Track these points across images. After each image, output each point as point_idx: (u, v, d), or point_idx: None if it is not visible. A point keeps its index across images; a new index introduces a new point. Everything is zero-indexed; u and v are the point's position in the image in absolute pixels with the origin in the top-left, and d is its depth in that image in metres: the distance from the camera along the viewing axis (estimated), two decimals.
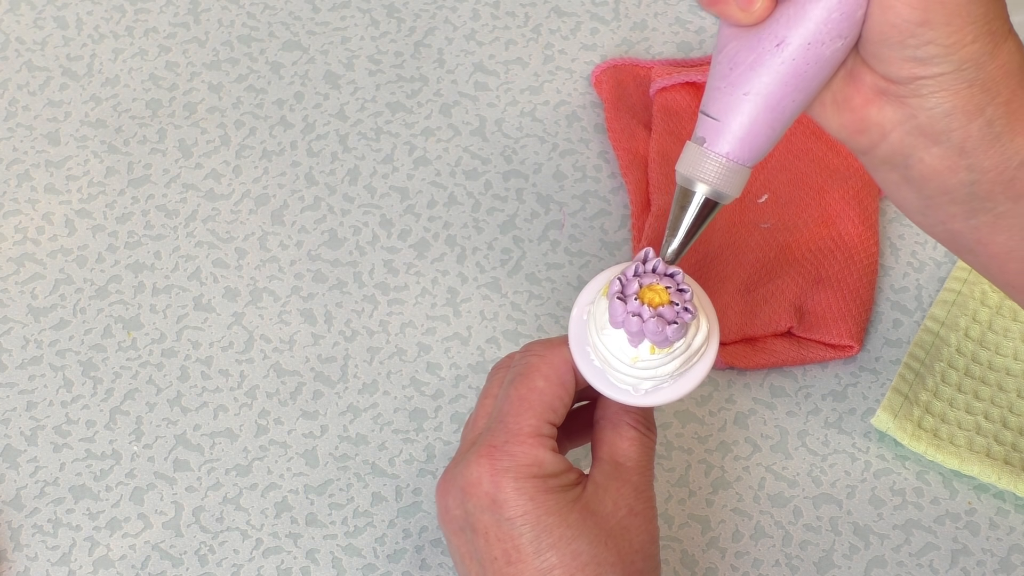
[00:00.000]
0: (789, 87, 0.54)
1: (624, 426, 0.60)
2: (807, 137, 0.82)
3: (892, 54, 0.52)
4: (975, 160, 0.54)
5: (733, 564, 0.70)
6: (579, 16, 0.90)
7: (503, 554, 0.57)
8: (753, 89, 0.54)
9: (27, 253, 0.80)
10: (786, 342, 0.76)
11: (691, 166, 0.56)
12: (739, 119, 0.55)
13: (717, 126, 0.55)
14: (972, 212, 0.55)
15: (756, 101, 0.54)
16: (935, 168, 0.55)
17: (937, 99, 0.53)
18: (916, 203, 0.57)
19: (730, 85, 0.55)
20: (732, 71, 0.54)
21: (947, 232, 0.57)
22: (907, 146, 0.55)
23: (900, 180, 0.56)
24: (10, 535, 0.71)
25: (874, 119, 0.55)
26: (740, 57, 0.54)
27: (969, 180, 0.54)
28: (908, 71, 0.53)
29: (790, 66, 0.53)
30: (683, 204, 0.56)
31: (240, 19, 0.90)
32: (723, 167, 0.55)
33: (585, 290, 0.60)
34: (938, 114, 0.53)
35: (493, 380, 0.62)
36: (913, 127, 0.54)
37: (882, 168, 0.56)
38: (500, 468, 0.57)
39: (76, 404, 0.75)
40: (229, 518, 0.72)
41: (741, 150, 0.55)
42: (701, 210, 0.56)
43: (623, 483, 0.59)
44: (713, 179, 0.55)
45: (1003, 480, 0.71)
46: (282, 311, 0.78)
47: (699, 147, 0.56)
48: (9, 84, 0.87)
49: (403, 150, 0.84)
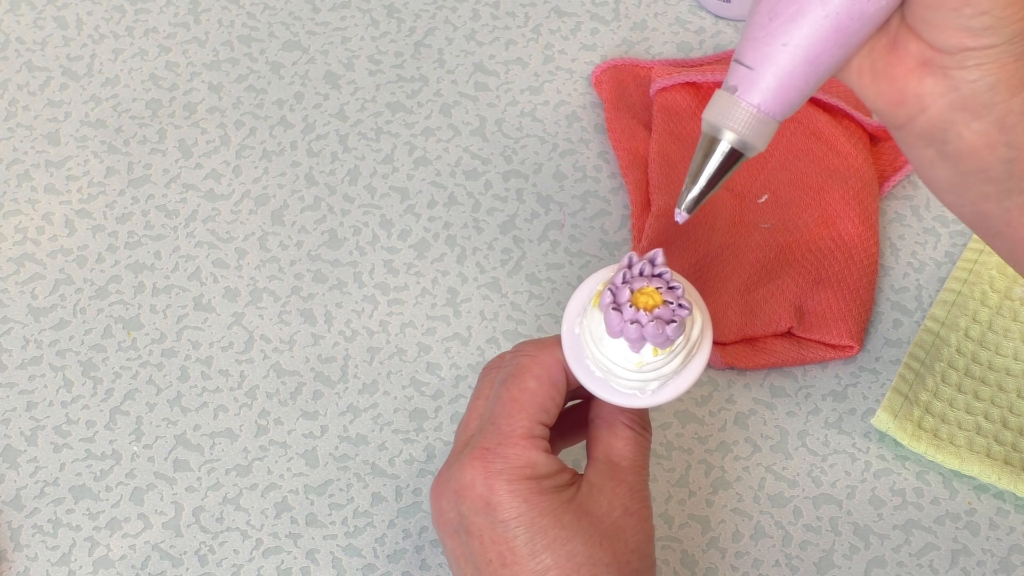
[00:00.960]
0: (830, 42, 0.53)
1: (619, 425, 0.60)
2: (807, 137, 0.82)
3: (944, 21, 0.51)
4: (1015, 137, 0.53)
5: (733, 564, 0.70)
6: (579, 16, 0.90)
7: (498, 556, 0.57)
8: (793, 40, 0.53)
9: (27, 253, 0.80)
10: (786, 342, 0.76)
11: (720, 114, 0.55)
12: (774, 70, 0.54)
13: (751, 75, 0.54)
14: (1006, 193, 0.55)
15: (795, 53, 0.53)
16: (973, 144, 0.54)
17: (982, 71, 0.52)
18: (949, 181, 0.56)
19: (769, 35, 0.53)
20: (772, 21, 0.53)
21: (977, 213, 0.56)
22: (946, 120, 0.54)
23: (935, 156, 0.55)
24: (10, 535, 0.71)
25: (914, 90, 0.54)
26: (781, 7, 0.53)
27: (1007, 157, 0.54)
28: (958, 40, 0.52)
29: (833, 20, 0.52)
30: (707, 152, 0.55)
31: (240, 19, 0.90)
32: (753, 117, 0.54)
33: (572, 302, 0.60)
34: (981, 87, 0.52)
35: (484, 381, 0.62)
36: (954, 100, 0.53)
37: (917, 143, 0.55)
38: (493, 470, 0.57)
39: (76, 404, 0.75)
40: (229, 518, 0.72)
41: (774, 102, 0.54)
42: (725, 160, 0.55)
43: (618, 483, 0.59)
44: (742, 128, 0.54)
45: (1003, 480, 0.71)
46: (282, 311, 0.78)
47: (730, 95, 0.54)
48: (9, 84, 0.87)
49: (403, 150, 0.84)
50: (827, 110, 0.83)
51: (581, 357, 0.59)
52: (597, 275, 0.60)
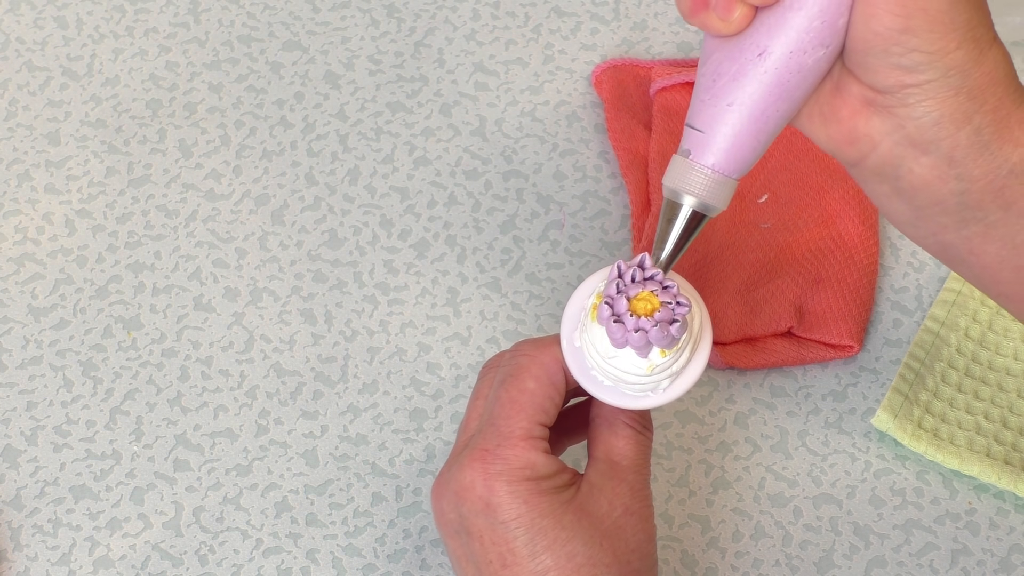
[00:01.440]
0: (772, 97, 0.54)
1: (620, 424, 0.60)
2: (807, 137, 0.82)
3: (877, 63, 0.52)
4: (964, 169, 0.54)
5: (733, 564, 0.70)
6: (579, 16, 0.90)
7: (498, 557, 0.57)
8: (737, 100, 0.54)
9: (27, 253, 0.80)
10: (786, 342, 0.76)
11: (677, 178, 0.56)
12: (724, 130, 0.54)
13: (702, 138, 0.55)
14: (963, 222, 0.55)
15: (740, 112, 0.54)
16: (925, 178, 0.54)
17: (924, 108, 0.53)
18: (907, 215, 0.56)
19: (714, 96, 0.54)
20: (715, 82, 0.54)
21: (939, 243, 0.57)
22: (896, 156, 0.54)
23: (890, 192, 0.56)
24: (10, 535, 0.71)
25: (862, 130, 0.55)
26: (723, 68, 0.54)
27: (959, 189, 0.54)
28: (894, 79, 0.52)
29: (773, 76, 0.53)
30: (670, 217, 0.56)
31: (240, 19, 0.90)
32: (709, 179, 0.55)
33: (566, 318, 0.59)
34: (926, 123, 0.53)
35: (483, 381, 0.62)
36: (902, 137, 0.54)
37: (872, 180, 0.56)
38: (493, 472, 0.57)
39: (76, 404, 0.75)
40: (229, 518, 0.72)
41: (727, 162, 0.55)
42: (688, 222, 0.56)
43: (619, 482, 0.59)
44: (699, 191, 0.55)
45: (1003, 480, 0.71)
46: (282, 311, 0.78)
47: (685, 159, 0.55)
48: (9, 84, 0.87)
49: (403, 150, 0.84)
50: None
51: (586, 369, 0.58)
52: (591, 280, 0.59)
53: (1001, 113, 0.53)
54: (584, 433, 0.65)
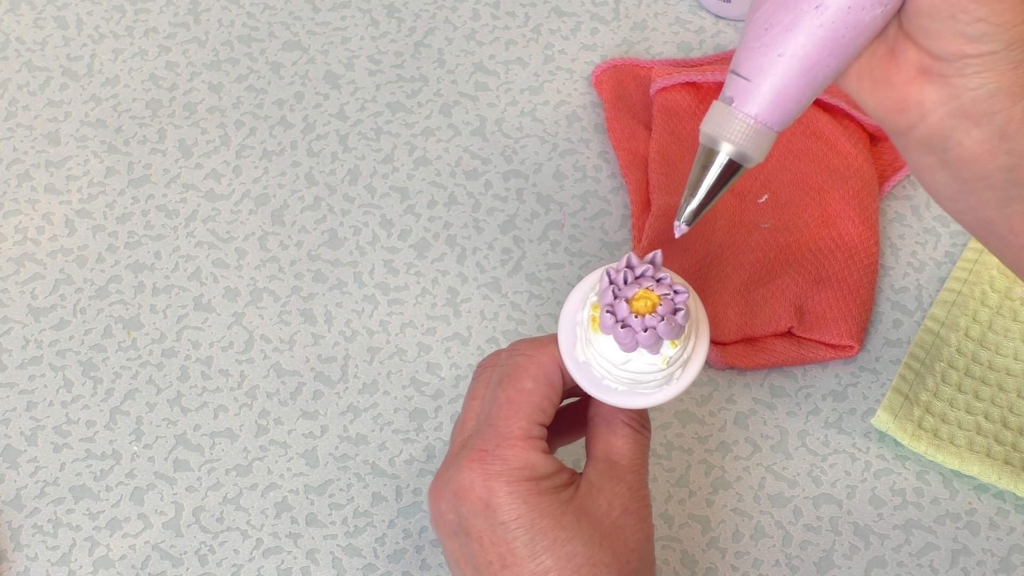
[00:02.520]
0: (825, 51, 0.53)
1: (619, 423, 0.60)
2: (807, 137, 0.82)
3: (941, 28, 0.51)
4: (1016, 144, 0.53)
5: (733, 564, 0.70)
6: (579, 16, 0.90)
7: (498, 558, 0.57)
8: (788, 51, 0.53)
9: (27, 253, 0.80)
10: (786, 342, 0.76)
11: (717, 125, 0.54)
12: (771, 81, 0.53)
13: (748, 86, 0.54)
14: (1007, 199, 0.54)
15: (791, 63, 0.53)
16: (974, 152, 0.53)
17: (982, 79, 0.52)
18: (950, 188, 0.55)
19: (764, 46, 0.53)
20: (767, 31, 0.53)
21: (978, 220, 0.56)
22: (947, 128, 0.53)
23: (936, 164, 0.55)
24: (10, 535, 0.71)
25: (914, 98, 0.54)
26: (777, 17, 0.53)
27: (1008, 165, 0.53)
28: (956, 47, 0.51)
29: (828, 29, 0.52)
30: (705, 164, 0.55)
31: (240, 19, 0.90)
32: (751, 128, 0.54)
33: (562, 333, 0.59)
34: (982, 95, 0.52)
35: (480, 380, 0.61)
36: (955, 107, 0.53)
37: (918, 150, 0.55)
38: (492, 472, 0.57)
39: (76, 404, 0.75)
40: (229, 518, 0.72)
41: (771, 113, 0.54)
42: (724, 171, 0.55)
43: (618, 482, 0.59)
44: (739, 140, 0.54)
45: (1003, 480, 0.71)
46: (282, 311, 0.78)
47: (727, 107, 0.54)
48: (9, 84, 0.87)
49: (403, 150, 0.84)
50: (827, 110, 0.83)
51: (597, 381, 0.58)
52: (576, 293, 0.59)
53: None
54: (577, 433, 0.65)
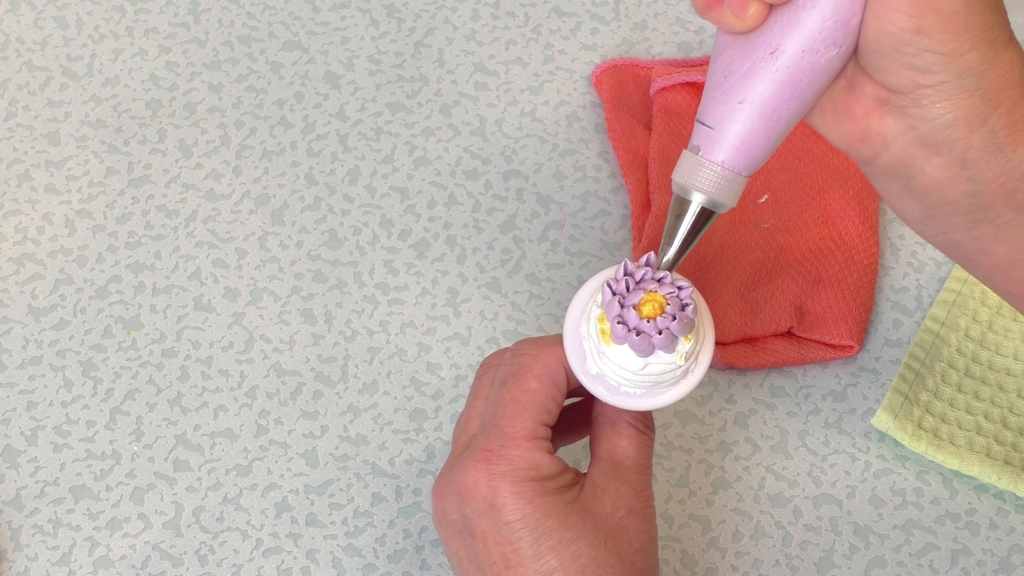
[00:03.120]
0: (784, 95, 0.54)
1: (623, 424, 0.60)
2: (807, 137, 0.82)
3: (889, 63, 0.52)
4: (977, 171, 0.54)
5: (733, 564, 0.70)
6: (579, 16, 0.90)
7: (502, 558, 0.57)
8: (748, 97, 0.54)
9: (27, 253, 0.80)
10: (786, 342, 0.76)
11: (687, 175, 0.55)
12: (734, 128, 0.54)
13: (712, 135, 0.55)
14: (974, 223, 0.55)
15: (751, 109, 0.54)
16: (936, 179, 0.54)
17: (938, 109, 0.53)
18: (918, 213, 0.56)
19: (725, 93, 0.54)
20: (727, 79, 0.54)
21: (949, 242, 0.57)
22: (908, 156, 0.54)
23: (902, 190, 0.56)
24: (10, 535, 0.71)
25: (875, 129, 0.54)
26: (735, 65, 0.54)
27: (971, 191, 0.54)
28: (907, 79, 0.52)
29: (784, 74, 0.53)
30: (679, 213, 0.56)
31: (240, 19, 0.90)
32: (719, 176, 0.55)
33: (569, 346, 0.58)
34: (940, 124, 0.53)
35: (483, 380, 0.61)
36: (914, 137, 0.54)
37: (884, 178, 0.56)
38: (497, 472, 0.57)
39: (76, 404, 0.75)
40: (229, 518, 0.72)
41: (737, 159, 0.55)
42: (697, 219, 0.56)
43: (622, 482, 0.59)
44: (709, 188, 0.55)
45: (1003, 480, 0.71)
46: (282, 311, 0.78)
47: (694, 156, 0.55)
48: (9, 84, 0.87)
49: (403, 150, 0.84)
50: None
51: (615, 390, 0.58)
52: (574, 309, 0.59)
53: (1016, 115, 0.53)
54: (580, 432, 0.65)
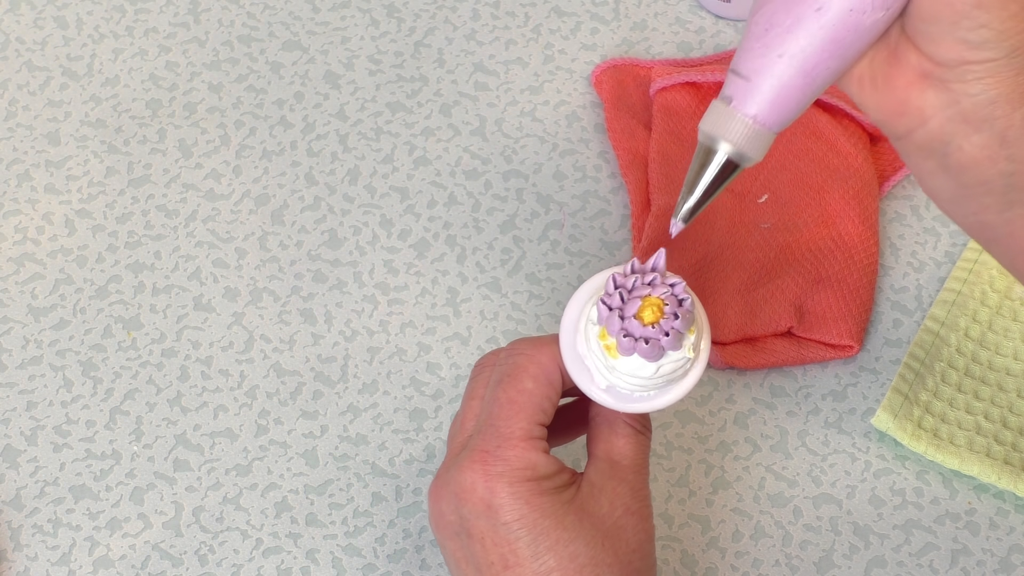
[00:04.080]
0: (826, 53, 0.53)
1: (620, 424, 0.60)
2: (807, 137, 0.82)
3: (942, 34, 0.51)
4: (1016, 151, 0.53)
5: (733, 564, 0.70)
6: (579, 16, 0.90)
7: (500, 559, 0.57)
8: (788, 52, 0.53)
9: (27, 253, 0.80)
10: (786, 342, 0.76)
11: (716, 124, 0.54)
12: (770, 81, 0.53)
13: (747, 86, 0.54)
14: (1007, 204, 0.54)
15: (791, 64, 0.53)
16: (974, 157, 0.53)
17: (983, 85, 0.52)
18: (950, 192, 0.56)
19: (764, 46, 0.53)
20: (768, 32, 0.53)
21: (978, 223, 0.56)
22: (947, 133, 0.53)
23: (936, 168, 0.55)
24: (10, 535, 0.71)
25: (915, 102, 0.54)
26: (778, 18, 0.53)
27: (1008, 171, 0.53)
28: (957, 53, 0.51)
29: (829, 31, 0.52)
30: (703, 163, 0.55)
31: (240, 19, 0.90)
32: (749, 128, 0.54)
33: (570, 368, 0.58)
34: (982, 101, 0.52)
35: (478, 380, 0.61)
36: (955, 113, 0.53)
37: (918, 154, 0.55)
38: (494, 473, 0.57)
39: (76, 404, 0.75)
40: (229, 518, 0.72)
41: (769, 113, 0.54)
42: (722, 171, 0.55)
43: (619, 482, 0.59)
44: (738, 139, 0.54)
45: (1003, 480, 0.71)
46: (282, 311, 0.78)
47: (726, 106, 0.54)
48: (9, 84, 0.87)
49: (403, 150, 0.84)
50: (827, 110, 0.83)
51: (627, 398, 0.58)
52: (566, 330, 0.59)
53: None
54: (575, 432, 0.65)
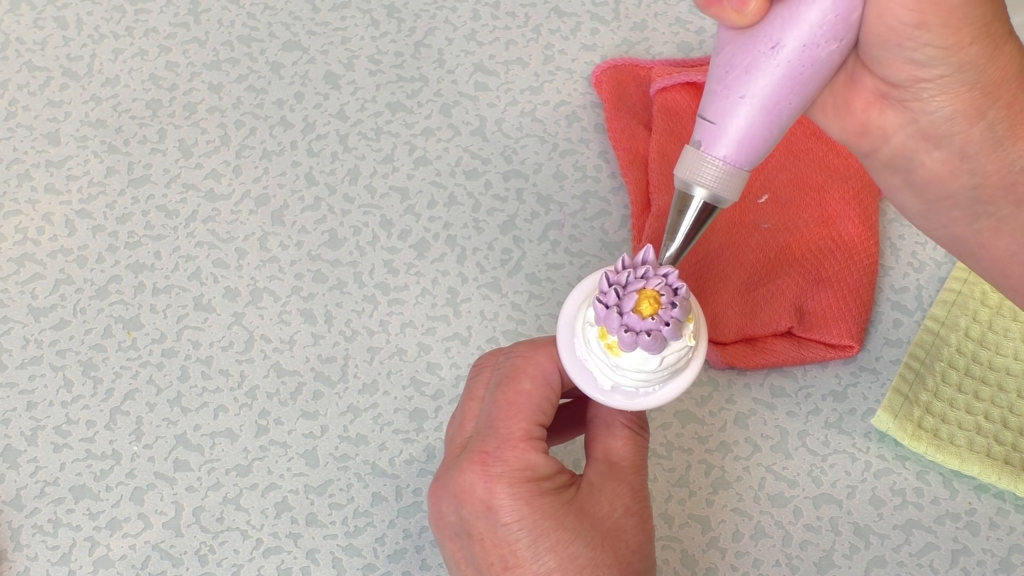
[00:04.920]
0: (785, 90, 0.54)
1: (618, 425, 0.60)
2: (807, 137, 0.82)
3: (890, 57, 0.52)
4: (977, 164, 0.54)
5: (733, 564, 0.70)
6: (579, 16, 0.90)
7: (500, 560, 0.57)
8: (749, 92, 0.54)
9: (27, 253, 0.80)
10: (786, 342, 0.76)
11: (688, 170, 0.56)
12: (736, 122, 0.54)
13: (714, 130, 0.55)
14: (974, 216, 0.55)
15: (752, 104, 0.54)
16: (937, 172, 0.54)
17: (938, 102, 0.53)
18: (918, 207, 0.57)
19: (726, 88, 0.54)
20: (728, 74, 0.54)
21: (949, 236, 0.57)
22: (909, 150, 0.54)
23: (902, 184, 0.56)
24: (10, 535, 0.71)
25: (875, 123, 0.55)
26: (736, 60, 0.54)
27: (971, 184, 0.54)
28: (908, 73, 0.52)
29: (785, 68, 0.53)
30: (681, 208, 0.56)
31: (240, 19, 0.90)
32: (720, 171, 0.55)
33: (573, 373, 0.58)
34: (939, 118, 0.53)
35: (477, 381, 0.61)
36: (915, 131, 0.54)
37: (884, 172, 0.56)
38: (493, 474, 0.57)
39: (76, 404, 0.75)
40: (229, 518, 0.72)
41: (738, 154, 0.55)
42: (699, 214, 0.56)
43: (619, 483, 0.59)
44: (711, 183, 0.55)
45: (1003, 480, 0.71)
46: (282, 311, 0.78)
47: (696, 151, 0.55)
48: (9, 84, 0.87)
49: (403, 150, 0.84)
50: None
51: (633, 395, 0.58)
52: (564, 322, 0.59)
53: (1015, 108, 0.53)
54: (573, 432, 0.65)
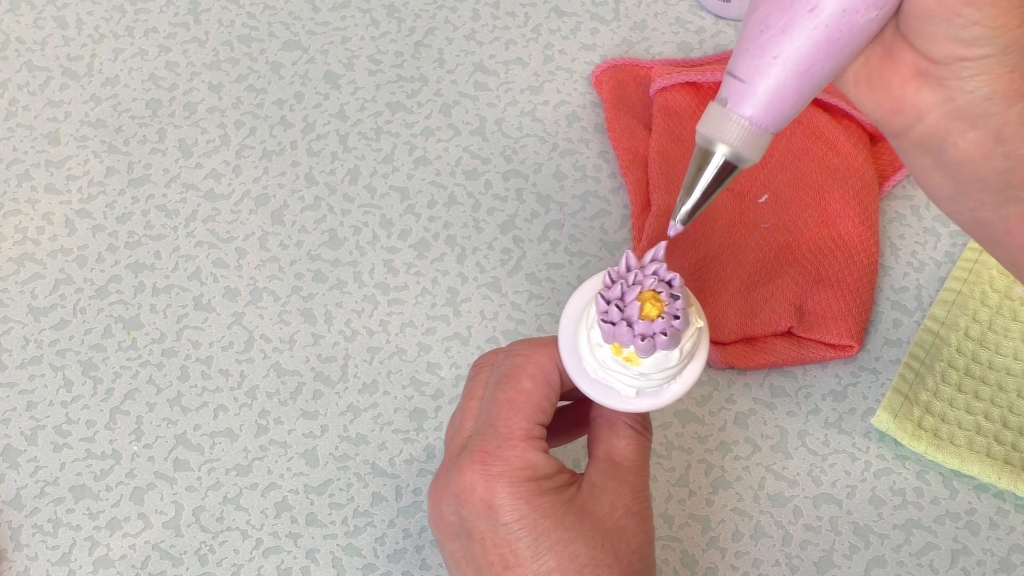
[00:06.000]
0: (820, 54, 0.53)
1: (621, 425, 0.60)
2: (807, 137, 0.82)
3: (936, 32, 0.51)
4: (1012, 147, 0.53)
5: (733, 564, 0.70)
6: (579, 16, 0.90)
7: (500, 559, 0.57)
8: (783, 53, 0.53)
9: (27, 253, 0.80)
10: (786, 342, 0.76)
11: (713, 127, 0.55)
12: (766, 83, 0.53)
13: (743, 88, 0.54)
14: (1004, 201, 0.55)
15: (785, 66, 0.53)
16: (970, 154, 0.54)
17: (978, 82, 0.52)
18: (947, 189, 0.56)
19: (759, 47, 0.53)
20: (763, 34, 0.53)
21: (975, 220, 0.56)
22: (943, 130, 0.54)
23: (933, 165, 0.55)
24: (10, 535, 0.71)
25: (911, 100, 0.54)
26: (772, 20, 0.53)
27: (1004, 168, 0.53)
28: (950, 51, 0.52)
29: (823, 32, 0.52)
30: (701, 165, 0.55)
31: (240, 19, 0.90)
32: (745, 130, 0.54)
33: (579, 380, 0.58)
34: (977, 97, 0.52)
35: (476, 380, 0.61)
36: (951, 110, 0.53)
37: (914, 152, 0.55)
38: (493, 473, 0.57)
39: (76, 404, 0.75)
40: (229, 518, 0.72)
41: (765, 115, 0.54)
42: (719, 173, 0.55)
43: (620, 483, 0.59)
44: (734, 141, 0.54)
45: (1003, 480, 0.71)
46: (282, 311, 0.78)
47: (722, 108, 0.54)
48: (9, 84, 0.87)
49: (403, 150, 0.84)
50: (827, 110, 0.83)
51: (659, 392, 0.58)
52: (565, 337, 0.59)
53: None
54: (574, 433, 0.65)
